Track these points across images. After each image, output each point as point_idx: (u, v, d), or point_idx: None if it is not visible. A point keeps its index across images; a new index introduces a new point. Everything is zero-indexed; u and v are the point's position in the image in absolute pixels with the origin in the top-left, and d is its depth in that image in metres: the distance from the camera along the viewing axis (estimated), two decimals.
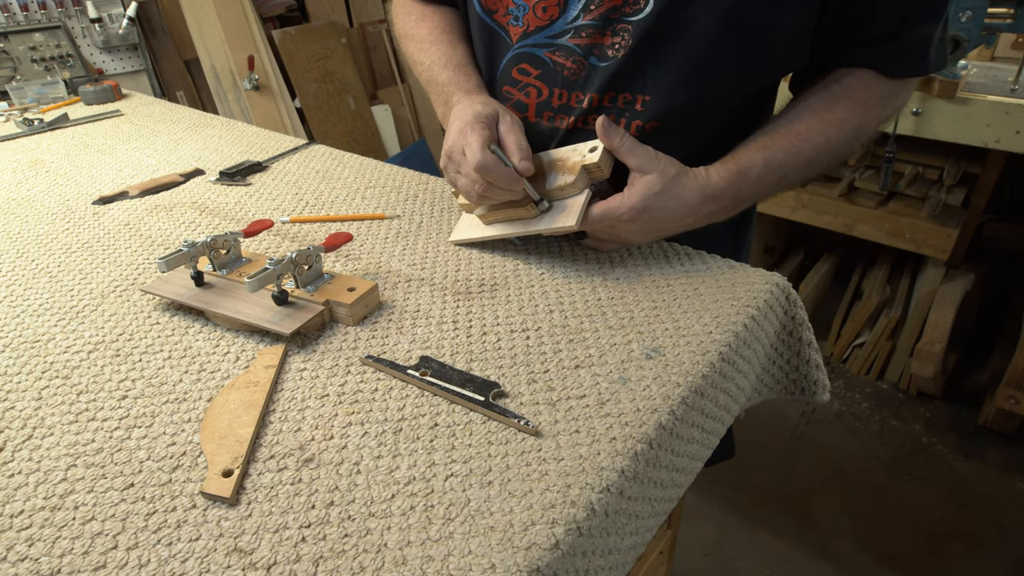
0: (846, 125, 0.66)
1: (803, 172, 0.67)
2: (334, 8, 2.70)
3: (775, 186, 0.67)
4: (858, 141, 0.68)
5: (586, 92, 0.69)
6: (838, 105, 0.66)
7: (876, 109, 0.67)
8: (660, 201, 0.62)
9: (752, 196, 0.66)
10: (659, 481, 0.50)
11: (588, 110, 0.69)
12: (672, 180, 0.62)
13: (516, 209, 0.68)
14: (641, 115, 0.68)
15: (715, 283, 0.65)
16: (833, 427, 1.84)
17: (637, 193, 0.62)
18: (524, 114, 0.74)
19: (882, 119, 0.68)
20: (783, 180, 0.67)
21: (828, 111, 0.66)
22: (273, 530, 0.41)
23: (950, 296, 1.81)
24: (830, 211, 1.92)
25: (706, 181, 0.64)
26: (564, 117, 0.71)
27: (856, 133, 0.66)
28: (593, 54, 0.67)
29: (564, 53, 0.69)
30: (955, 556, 1.46)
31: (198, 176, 0.98)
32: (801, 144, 0.65)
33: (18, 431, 0.49)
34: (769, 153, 0.65)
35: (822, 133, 0.65)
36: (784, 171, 0.66)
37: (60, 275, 0.71)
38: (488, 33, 0.74)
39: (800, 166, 0.66)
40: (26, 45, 1.67)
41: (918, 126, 1.60)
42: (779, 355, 0.69)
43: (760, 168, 0.65)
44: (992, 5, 1.42)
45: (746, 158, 0.65)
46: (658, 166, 0.62)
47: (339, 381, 0.54)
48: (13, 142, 1.16)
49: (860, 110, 0.66)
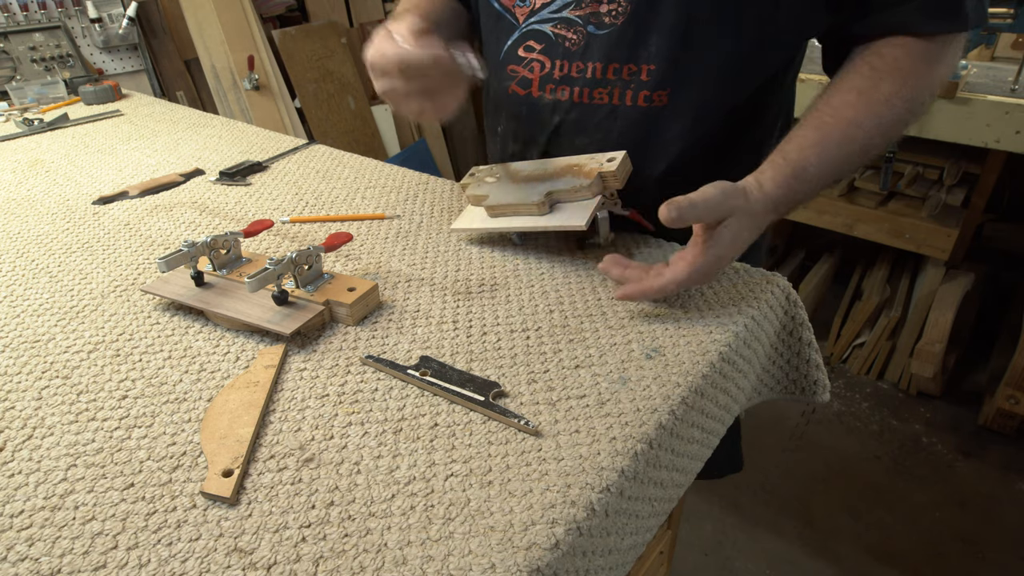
0: (896, 100, 0.61)
1: (859, 159, 0.63)
2: (334, 8, 2.70)
3: (831, 179, 0.63)
4: (912, 115, 0.63)
5: (586, 62, 0.69)
6: (884, 81, 0.61)
7: (925, 77, 0.61)
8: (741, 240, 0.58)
9: (810, 195, 0.63)
10: (659, 481, 0.50)
11: (592, 81, 0.69)
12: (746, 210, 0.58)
13: (524, 205, 0.68)
14: (647, 84, 0.68)
15: (715, 283, 0.65)
16: (833, 427, 1.84)
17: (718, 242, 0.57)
18: (528, 89, 0.75)
19: (934, 86, 0.63)
20: (838, 172, 0.63)
21: (875, 90, 0.61)
22: (273, 530, 0.41)
23: (950, 296, 1.81)
24: (830, 211, 1.92)
25: (765, 195, 0.60)
26: (565, 88, 0.72)
27: (909, 107, 0.61)
28: (591, 23, 0.68)
29: (565, 25, 0.70)
30: (955, 556, 1.46)
31: (198, 176, 0.98)
32: (853, 131, 0.61)
33: (18, 431, 0.49)
34: (822, 149, 0.61)
35: (873, 115, 0.61)
36: (838, 164, 0.62)
37: (60, 275, 0.71)
38: (495, 16, 0.76)
39: (855, 154, 0.62)
40: (26, 45, 1.67)
41: (918, 126, 1.60)
42: (779, 355, 0.69)
43: (816, 167, 0.61)
44: (992, 5, 1.42)
45: (798, 157, 0.61)
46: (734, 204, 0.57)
47: (339, 381, 0.54)
48: (13, 142, 1.16)
49: (909, 81, 0.61)
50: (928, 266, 1.92)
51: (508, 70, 0.76)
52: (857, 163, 0.64)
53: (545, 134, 0.78)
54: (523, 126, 0.80)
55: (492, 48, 0.78)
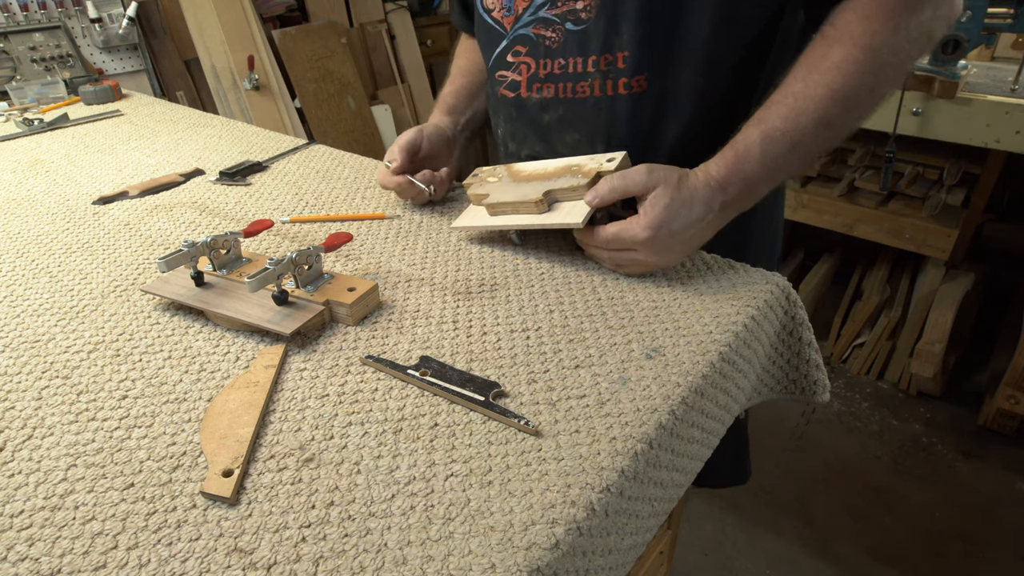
0: (848, 65, 0.58)
1: (820, 132, 0.60)
2: (334, 8, 2.70)
3: (790, 155, 0.61)
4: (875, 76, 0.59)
5: (567, 57, 0.72)
6: (833, 48, 0.59)
7: (881, 34, 0.58)
8: (673, 211, 0.60)
9: (766, 176, 0.62)
10: (659, 481, 0.50)
11: (575, 76, 0.72)
12: (676, 186, 0.61)
13: (523, 203, 0.69)
14: (625, 72, 0.70)
15: (715, 283, 0.65)
16: (833, 427, 1.84)
17: (648, 211, 0.61)
18: (517, 91, 0.78)
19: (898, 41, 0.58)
20: (797, 147, 0.61)
21: (824, 58, 0.59)
22: (273, 530, 0.41)
23: (950, 296, 1.81)
24: (830, 211, 1.92)
25: (706, 175, 0.62)
26: (551, 85, 0.75)
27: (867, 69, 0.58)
28: (569, 20, 0.71)
29: (544, 25, 0.73)
30: (955, 556, 1.46)
31: (198, 176, 0.98)
32: (802, 103, 0.59)
33: (18, 431, 0.49)
34: (765, 126, 0.61)
35: (823, 83, 0.59)
36: (792, 138, 0.60)
37: (60, 275, 0.71)
38: (488, 30, 0.79)
39: (810, 127, 0.60)
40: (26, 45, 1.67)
41: (918, 126, 1.60)
42: (779, 355, 0.69)
43: (759, 144, 0.60)
44: (992, 5, 1.42)
45: (741, 139, 0.62)
46: (659, 177, 0.61)
47: (339, 381, 0.54)
48: (13, 142, 1.16)
49: (861, 42, 0.58)
50: (928, 266, 1.92)
51: (497, 76, 0.80)
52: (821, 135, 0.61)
53: (538, 132, 0.80)
54: (517, 127, 0.82)
55: (486, 57, 0.82)
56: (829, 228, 1.94)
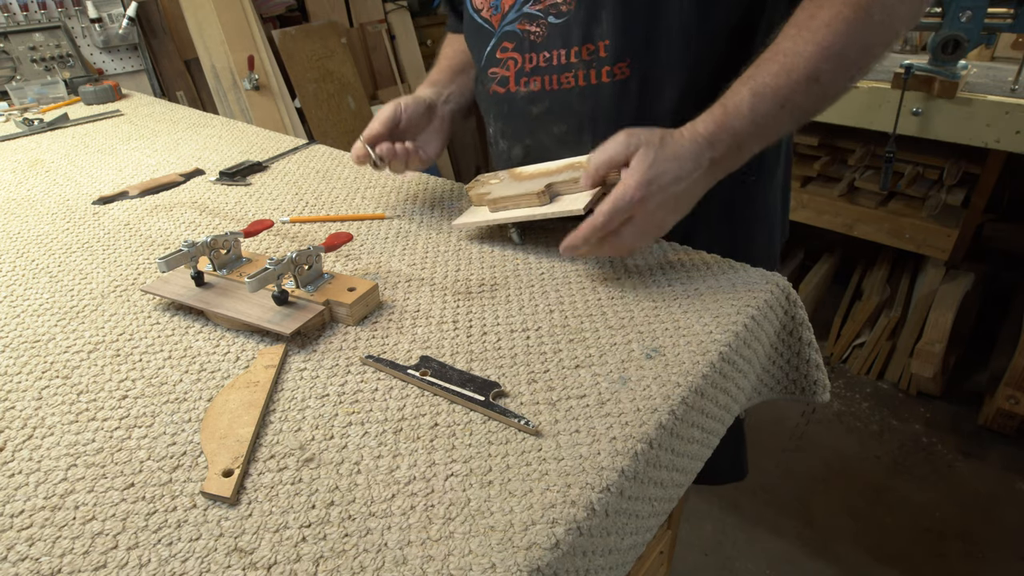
0: (838, 23, 0.58)
1: (810, 89, 0.60)
2: (334, 8, 2.70)
3: (780, 112, 0.60)
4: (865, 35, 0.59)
5: (551, 50, 0.73)
6: (824, 7, 0.59)
7: None
8: (660, 167, 0.58)
9: (756, 132, 0.61)
10: (659, 481, 0.50)
11: (559, 68, 0.74)
12: (659, 143, 0.59)
13: (525, 196, 0.69)
14: (606, 60, 0.71)
15: (715, 283, 0.65)
16: (833, 427, 1.84)
17: (633, 170, 0.58)
18: (506, 87, 0.79)
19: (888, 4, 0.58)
20: (787, 105, 0.60)
21: (812, 19, 0.59)
22: (273, 530, 0.41)
23: (950, 296, 1.81)
24: (830, 211, 1.92)
25: (692, 131, 0.60)
26: (536, 79, 0.76)
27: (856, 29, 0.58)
28: (551, 13, 0.72)
29: (528, 20, 0.74)
30: (955, 556, 1.46)
31: (198, 176, 0.98)
32: (791, 60, 0.59)
33: (18, 431, 0.49)
34: (754, 83, 0.60)
35: (811, 41, 0.58)
36: (781, 95, 0.59)
37: (60, 275, 0.71)
38: (477, 28, 0.81)
39: (800, 83, 0.59)
40: (26, 45, 1.67)
41: (918, 126, 1.60)
42: (779, 355, 0.69)
43: (748, 99, 0.59)
44: (992, 5, 1.42)
45: (730, 96, 0.61)
46: (640, 139, 0.59)
47: (339, 381, 0.54)
48: (13, 142, 1.16)
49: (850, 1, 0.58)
50: (928, 266, 1.92)
51: (489, 73, 0.81)
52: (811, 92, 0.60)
53: (527, 125, 0.81)
54: (508, 122, 0.83)
55: (476, 56, 0.83)
56: (829, 228, 1.94)
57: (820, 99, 0.61)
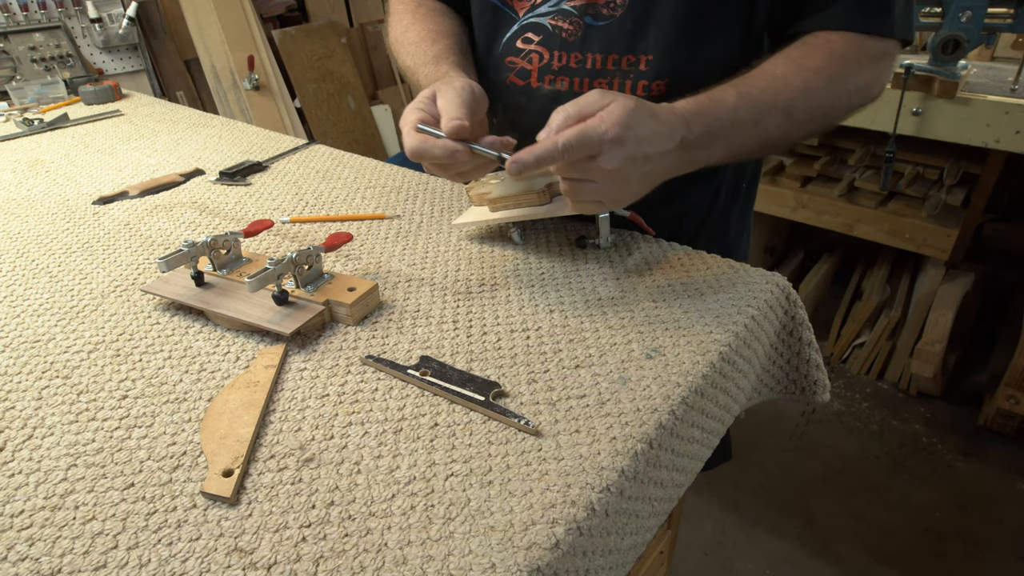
0: (823, 74, 0.62)
1: (782, 121, 0.62)
2: (334, 8, 2.70)
3: (751, 128, 0.61)
4: (838, 98, 0.63)
5: (584, 52, 0.71)
6: (815, 54, 0.63)
7: (854, 66, 0.64)
8: (638, 117, 0.53)
9: (727, 131, 0.60)
10: (659, 481, 0.50)
11: (593, 72, 0.71)
12: (636, 102, 0.54)
13: (525, 195, 0.69)
14: (646, 75, 0.69)
15: (715, 283, 0.65)
16: (833, 427, 1.84)
17: (612, 112, 0.53)
18: (527, 80, 0.76)
19: (860, 82, 0.65)
20: (760, 123, 0.61)
21: (805, 59, 0.63)
22: (273, 530, 0.41)
23: (950, 296, 1.81)
24: (830, 211, 1.92)
25: (671, 107, 0.58)
26: (563, 79, 0.73)
27: (835, 88, 0.63)
28: (588, 13, 0.70)
29: (562, 16, 0.71)
30: (955, 556, 1.46)
31: (198, 176, 0.98)
32: (778, 86, 0.61)
33: (18, 431, 0.49)
34: (743, 88, 0.61)
35: (799, 77, 0.62)
36: (760, 111, 0.60)
37: (60, 275, 0.71)
38: (492, 10, 0.77)
39: (779, 111, 0.61)
40: (26, 45, 1.67)
41: (918, 126, 1.60)
42: (779, 355, 0.69)
43: (734, 99, 0.60)
44: (992, 5, 1.42)
45: (718, 89, 0.61)
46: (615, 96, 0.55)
47: (339, 381, 0.54)
48: (13, 142, 1.16)
49: (838, 61, 0.63)
50: (928, 266, 1.92)
51: (507, 62, 0.77)
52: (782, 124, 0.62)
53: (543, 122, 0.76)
54: (523, 115, 0.80)
55: (488, 41, 0.79)
56: (829, 228, 1.94)
57: (782, 135, 0.63)
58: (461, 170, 0.62)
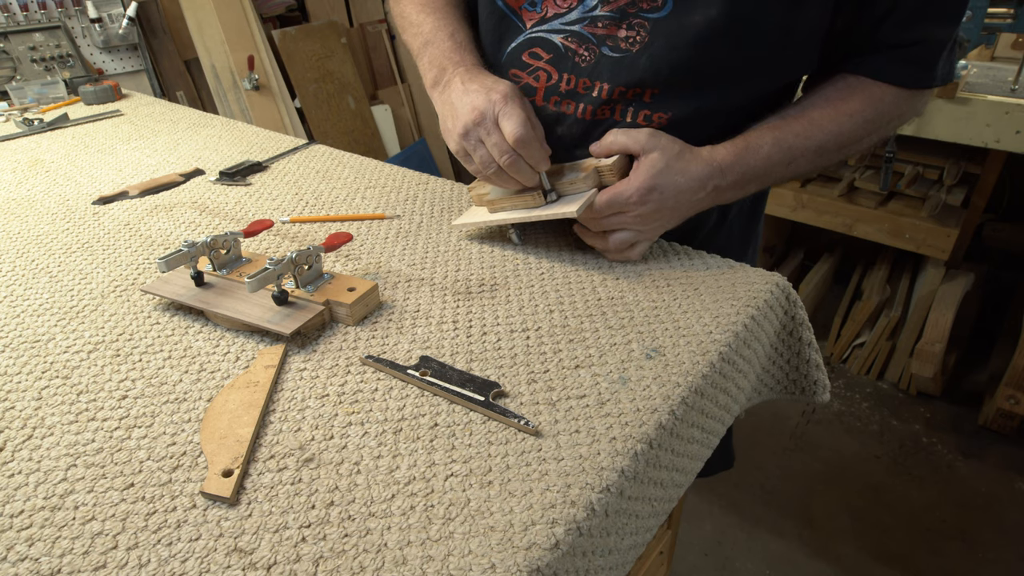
0: (859, 117, 0.66)
1: (813, 159, 0.67)
2: (334, 8, 2.70)
3: (784, 168, 0.66)
4: (868, 137, 0.68)
5: (594, 80, 0.69)
6: (854, 97, 0.66)
7: (890, 107, 0.67)
8: (667, 177, 0.63)
9: (760, 175, 0.66)
10: (659, 481, 0.50)
11: (599, 101, 0.69)
12: (676, 156, 0.63)
13: (524, 197, 0.69)
14: (649, 105, 0.69)
15: (715, 283, 0.65)
16: (833, 427, 1.84)
17: (643, 172, 0.63)
18: (532, 97, 0.74)
19: (894, 121, 0.69)
20: (792, 163, 0.66)
21: (843, 101, 0.66)
22: (273, 530, 0.41)
23: (950, 296, 1.81)
24: (830, 211, 1.92)
25: (711, 155, 0.64)
26: (571, 103, 0.71)
27: (868, 128, 0.67)
28: (606, 44, 0.68)
29: (577, 40, 0.69)
30: (955, 556, 1.46)
31: (198, 176, 0.98)
32: (813, 130, 0.66)
33: (18, 431, 0.49)
34: (780, 133, 0.65)
35: (835, 121, 0.66)
36: (794, 154, 0.66)
37: (60, 275, 0.71)
38: (499, 16, 0.74)
39: (811, 151, 0.66)
40: (26, 45, 1.67)
41: (918, 126, 1.60)
42: (779, 355, 0.69)
43: (769, 146, 0.65)
44: (992, 5, 1.42)
45: (755, 135, 0.66)
46: (659, 143, 0.63)
47: (339, 381, 0.54)
48: (13, 142, 1.16)
49: (875, 104, 0.66)
50: (928, 266, 1.92)
51: (511, 74, 0.75)
52: (812, 161, 0.67)
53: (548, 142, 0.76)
54: None
55: (491, 46, 0.77)
56: (829, 228, 1.94)
57: (811, 168, 0.68)
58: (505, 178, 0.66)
